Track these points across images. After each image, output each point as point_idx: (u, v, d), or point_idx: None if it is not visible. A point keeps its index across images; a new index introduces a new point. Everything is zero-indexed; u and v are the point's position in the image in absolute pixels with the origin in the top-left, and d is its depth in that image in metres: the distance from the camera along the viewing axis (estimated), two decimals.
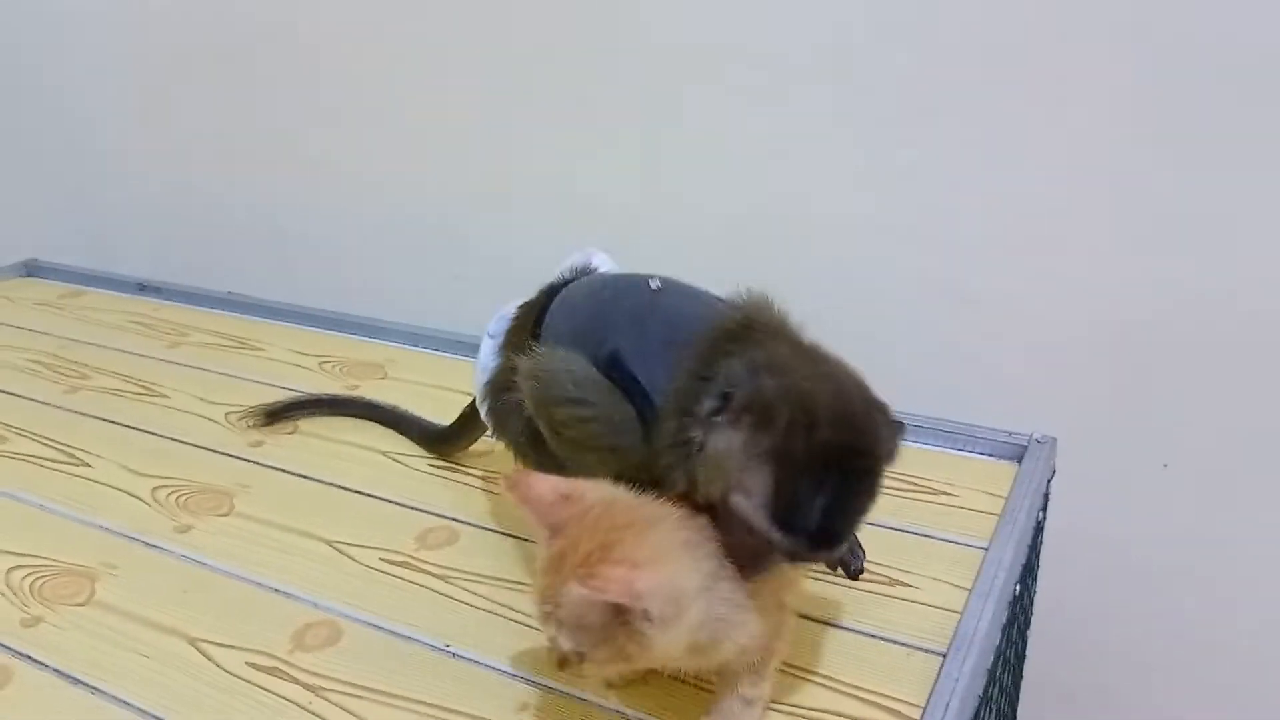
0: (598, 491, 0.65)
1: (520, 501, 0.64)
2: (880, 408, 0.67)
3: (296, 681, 0.76)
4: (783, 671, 0.73)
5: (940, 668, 0.74)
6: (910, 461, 0.88)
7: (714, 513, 0.65)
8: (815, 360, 0.68)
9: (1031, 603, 1.04)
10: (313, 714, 0.73)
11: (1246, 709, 1.17)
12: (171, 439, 1.13)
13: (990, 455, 1.03)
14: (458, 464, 1.07)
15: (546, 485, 0.64)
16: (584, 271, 0.89)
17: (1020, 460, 1.00)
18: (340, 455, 1.09)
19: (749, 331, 0.70)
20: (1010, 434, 1.03)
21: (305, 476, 1.05)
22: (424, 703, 0.74)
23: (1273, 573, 1.11)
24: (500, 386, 0.86)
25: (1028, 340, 1.15)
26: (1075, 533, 1.12)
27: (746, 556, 0.64)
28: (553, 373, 0.75)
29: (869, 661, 0.76)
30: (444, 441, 1.08)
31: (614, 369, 0.73)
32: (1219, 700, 1.18)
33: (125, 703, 0.75)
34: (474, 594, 0.86)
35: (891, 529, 0.91)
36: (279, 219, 1.64)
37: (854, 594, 0.83)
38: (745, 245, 1.27)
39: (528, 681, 0.76)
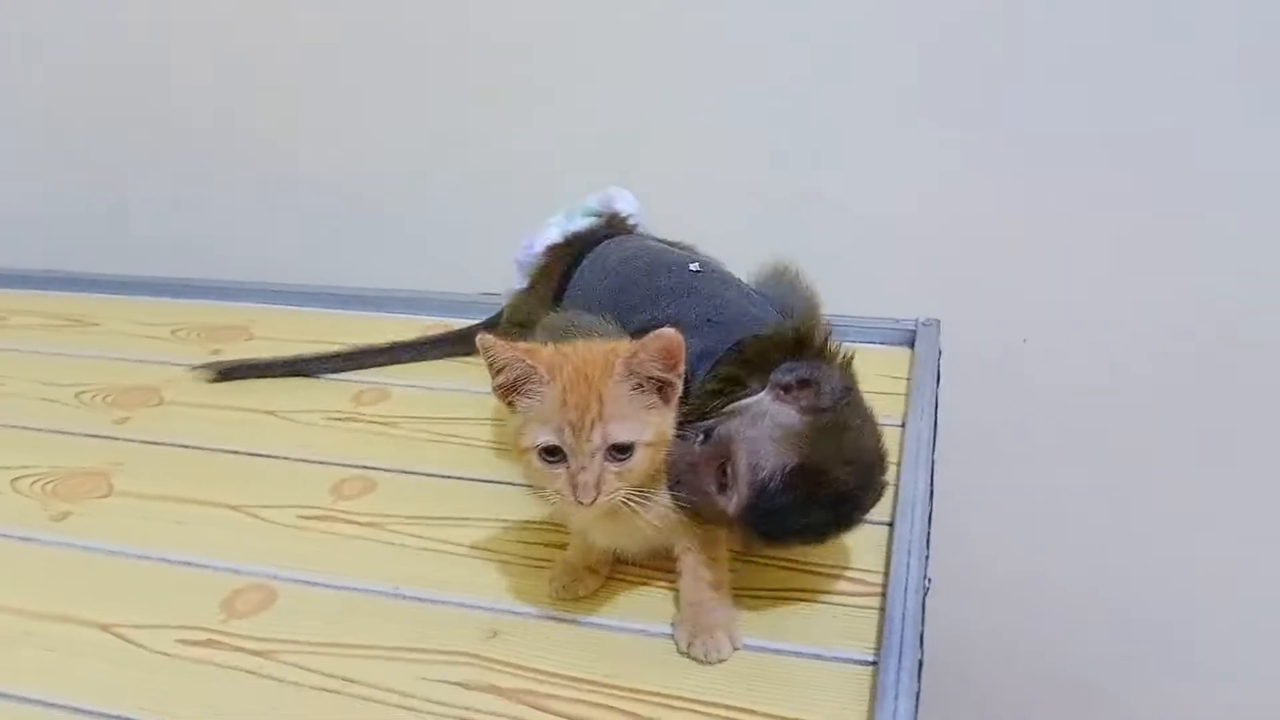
0: (554, 346, 0.67)
1: (507, 352, 0.64)
2: (885, 468, 0.71)
3: (240, 649, 0.71)
4: (748, 561, 0.74)
5: (890, 536, 0.77)
6: None
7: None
8: (863, 402, 0.73)
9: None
10: (268, 678, 0.68)
11: (1080, 552, 1.28)
12: (21, 427, 1.02)
13: (883, 343, 1.07)
14: (355, 414, 1.01)
15: (513, 345, 0.65)
16: (608, 215, 0.94)
17: (912, 344, 1.05)
18: (222, 420, 1.01)
19: (817, 345, 0.73)
20: (897, 320, 1.08)
21: (187, 446, 0.97)
22: (386, 647, 0.70)
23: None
24: (516, 321, 0.88)
25: (893, 239, 1.20)
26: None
27: (695, 500, 0.67)
28: (581, 328, 0.77)
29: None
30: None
31: None
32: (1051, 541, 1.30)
33: (45, 702, 0.67)
34: (410, 535, 0.82)
35: None
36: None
37: None
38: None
39: (491, 610, 0.73)
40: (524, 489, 0.86)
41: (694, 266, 0.83)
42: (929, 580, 0.73)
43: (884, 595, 0.71)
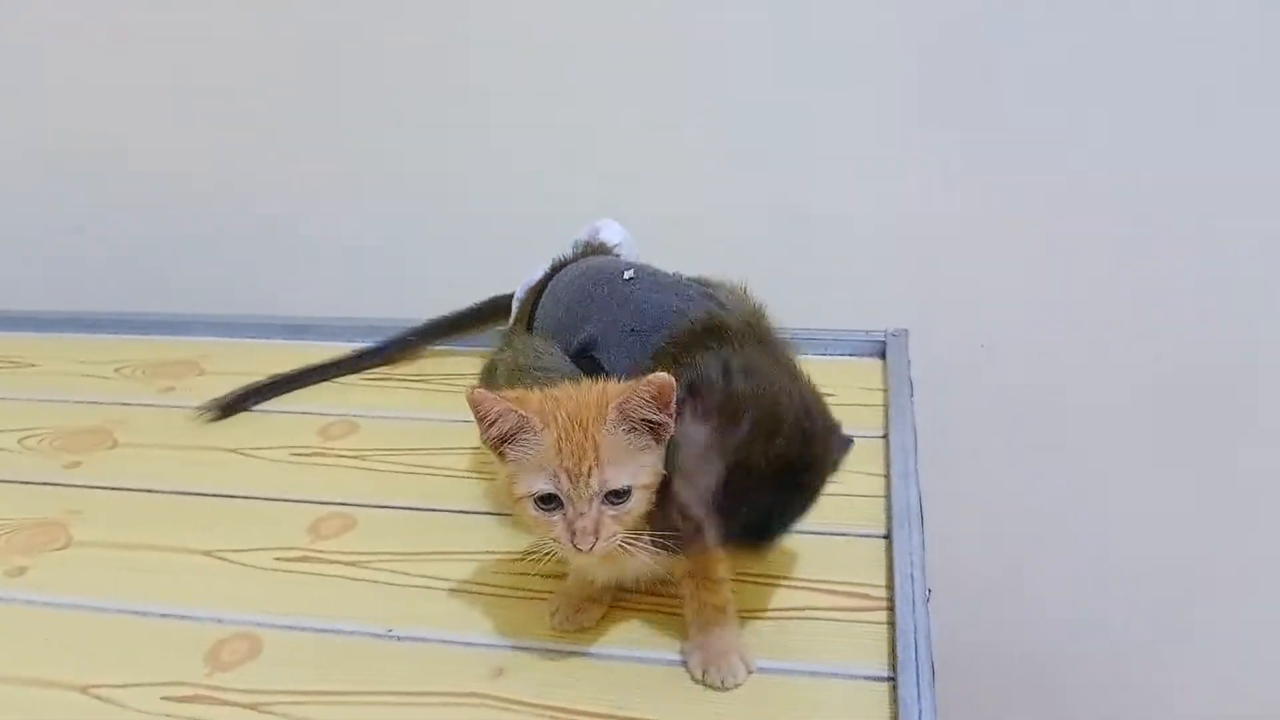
0: (543, 391, 0.66)
1: (497, 405, 0.63)
2: (835, 425, 0.70)
3: (231, 704, 0.67)
4: (742, 582, 0.74)
5: (889, 548, 0.77)
6: None
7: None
8: (785, 369, 0.71)
9: None
10: None
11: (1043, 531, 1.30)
12: None
13: (853, 355, 1.08)
14: (324, 449, 0.98)
15: (501, 396, 0.64)
16: (590, 245, 0.92)
17: (883, 355, 1.06)
18: (185, 461, 0.97)
19: (725, 330, 0.72)
20: (867, 332, 1.08)
21: (149, 490, 0.93)
22: (386, 692, 0.68)
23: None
24: (489, 370, 0.86)
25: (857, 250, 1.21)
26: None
27: (674, 537, 0.65)
28: (525, 351, 0.79)
29: (819, 556, 0.78)
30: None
31: (583, 355, 0.76)
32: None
33: None
34: (397, 573, 0.80)
35: None
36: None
37: None
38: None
39: (493, 647, 0.71)
40: (511, 518, 0.84)
41: (628, 274, 0.81)
42: (929, 590, 0.74)
43: (891, 609, 0.71)
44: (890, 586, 0.73)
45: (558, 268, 0.89)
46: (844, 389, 1.01)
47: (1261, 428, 1.17)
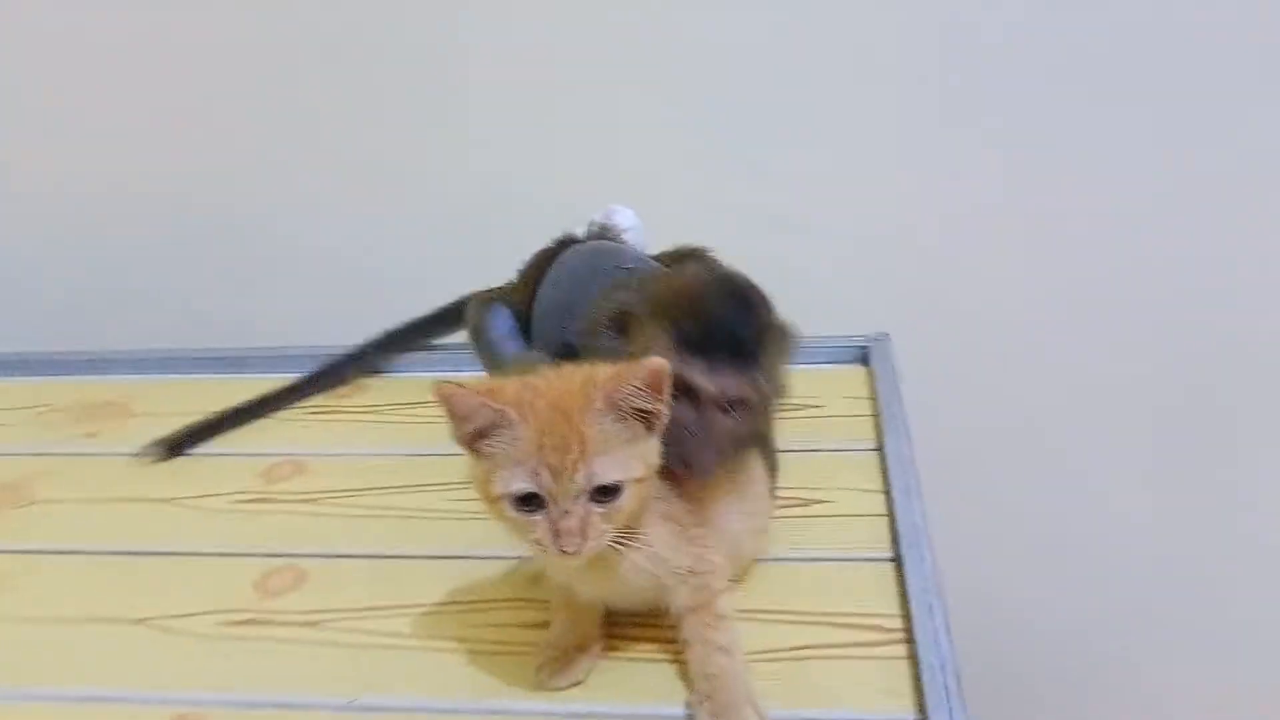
0: (520, 379, 0.60)
1: (469, 398, 0.57)
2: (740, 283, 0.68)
3: None
4: (749, 619, 0.67)
5: (899, 573, 0.71)
6: None
7: None
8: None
9: None
10: None
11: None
12: None
13: (833, 362, 1.02)
14: (269, 494, 0.89)
15: (474, 384, 0.58)
16: (603, 227, 0.89)
17: (866, 361, 1.00)
18: (112, 516, 0.87)
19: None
20: (848, 337, 1.02)
21: (72, 551, 0.83)
22: None
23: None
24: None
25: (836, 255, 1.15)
26: None
27: (682, 455, 0.63)
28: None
29: (823, 585, 0.71)
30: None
31: (568, 353, 0.73)
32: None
33: None
34: (358, 631, 0.72)
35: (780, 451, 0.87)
36: None
37: (779, 521, 0.77)
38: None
39: (475, 711, 0.64)
40: (484, 561, 0.77)
41: (628, 265, 0.79)
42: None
43: (909, 641, 0.65)
44: (906, 616, 0.67)
45: (565, 243, 0.87)
46: (829, 399, 0.95)
47: (1249, 430, 1.14)
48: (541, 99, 1.12)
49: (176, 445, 0.96)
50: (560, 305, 0.81)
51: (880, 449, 0.86)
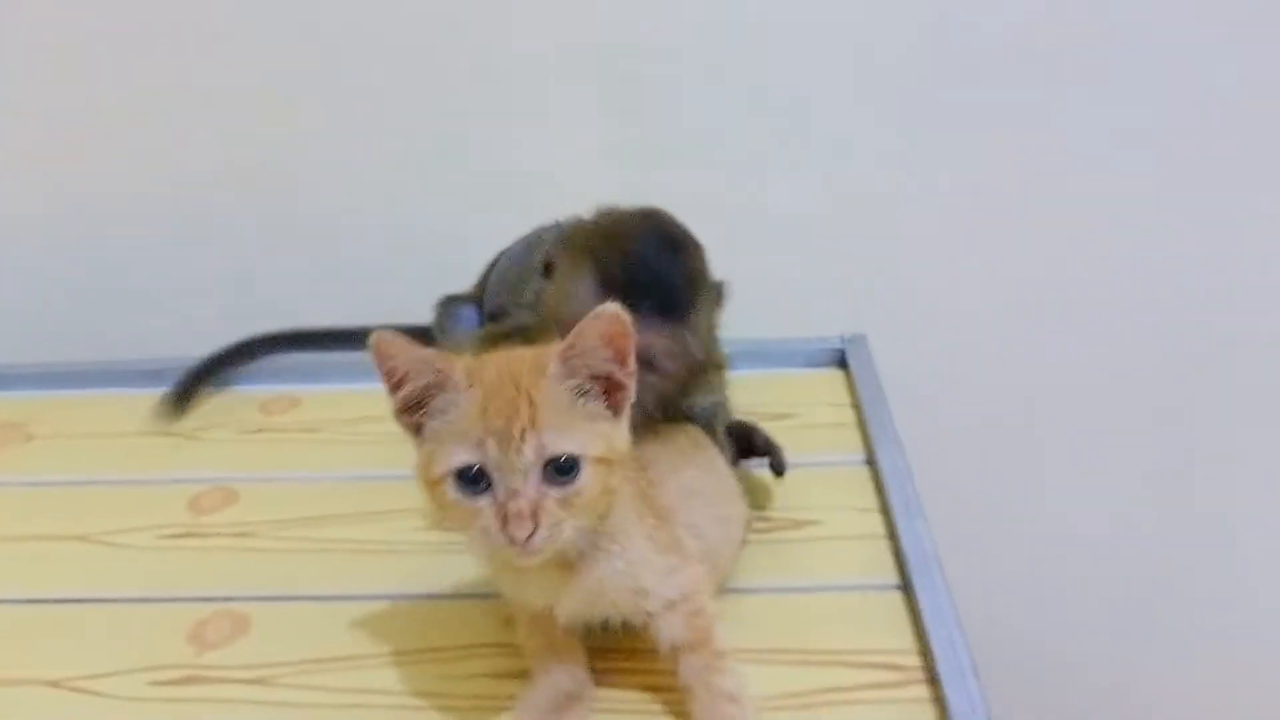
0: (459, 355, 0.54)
1: (409, 353, 0.51)
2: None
3: None
4: (747, 659, 0.61)
5: (910, 604, 0.65)
6: (742, 390, 0.79)
7: None
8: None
9: None
10: None
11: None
12: None
13: (808, 366, 0.97)
14: (197, 527, 0.80)
15: (418, 346, 0.51)
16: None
17: (843, 364, 0.95)
18: (16, 558, 0.77)
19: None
20: (822, 339, 0.97)
21: None
22: None
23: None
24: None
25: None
26: None
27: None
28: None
29: (827, 618, 0.66)
30: None
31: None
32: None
33: None
34: (306, 688, 0.63)
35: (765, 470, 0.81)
36: None
37: (770, 546, 0.72)
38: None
39: None
40: (451, 601, 0.69)
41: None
42: None
43: (933, 682, 0.59)
44: (924, 653, 0.61)
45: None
46: (807, 406, 0.90)
47: (1249, 430, 1.12)
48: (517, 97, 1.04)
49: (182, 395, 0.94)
50: (500, 276, 0.77)
51: (870, 462, 0.81)
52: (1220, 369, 1.08)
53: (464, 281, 0.86)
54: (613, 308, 0.50)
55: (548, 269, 0.66)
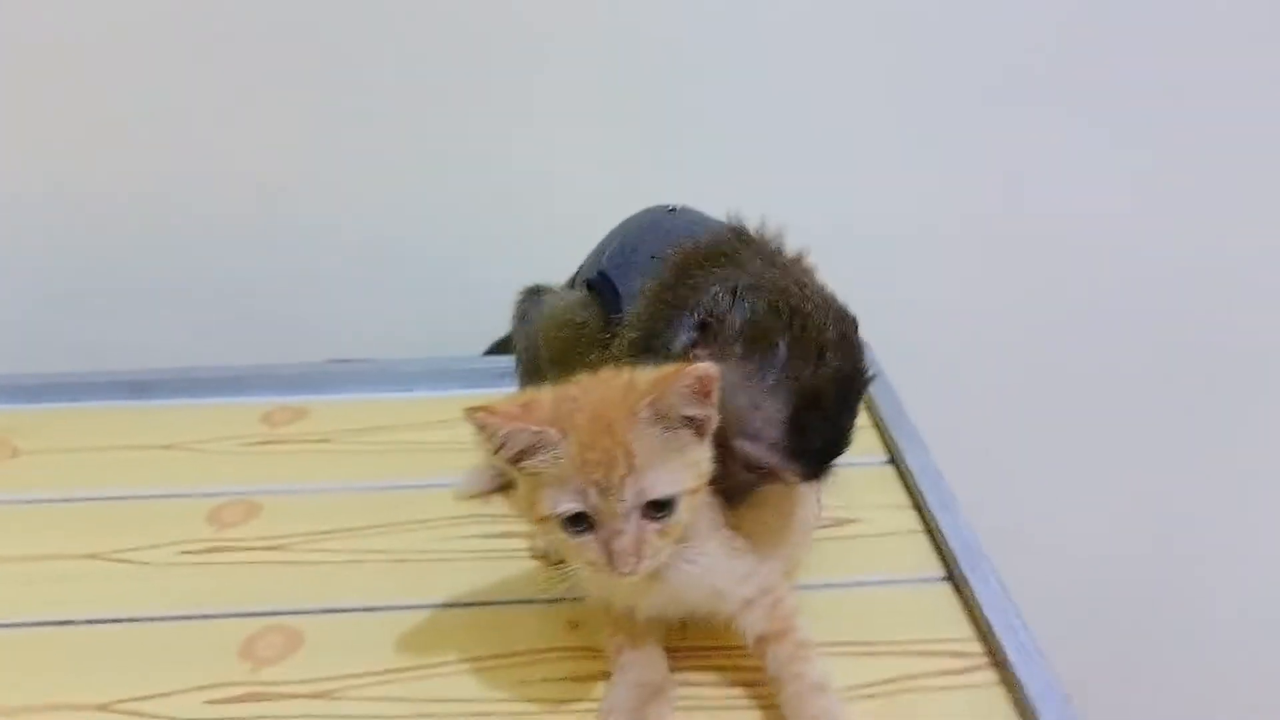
0: (555, 390, 0.56)
1: (504, 422, 0.53)
2: (857, 324, 0.63)
3: None
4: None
5: (962, 594, 0.68)
6: None
7: None
8: (799, 279, 0.62)
9: None
10: None
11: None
12: None
13: None
14: (224, 543, 0.77)
15: (507, 405, 0.54)
16: None
17: None
18: (30, 579, 0.73)
19: (720, 251, 0.64)
20: None
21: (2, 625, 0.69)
22: None
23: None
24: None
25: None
26: None
27: (735, 488, 0.61)
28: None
29: (883, 610, 0.68)
30: None
31: (596, 281, 0.69)
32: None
33: None
34: (372, 699, 0.62)
35: None
36: None
37: (816, 544, 0.74)
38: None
39: None
40: (505, 607, 0.69)
41: (671, 206, 0.73)
42: None
43: (999, 666, 0.62)
44: (984, 639, 0.64)
45: None
46: None
47: (1231, 427, 1.18)
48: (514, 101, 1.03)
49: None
50: (605, 241, 0.74)
51: (893, 461, 0.84)
52: (1220, 373, 1.14)
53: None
54: (705, 368, 0.52)
55: (704, 328, 0.59)
